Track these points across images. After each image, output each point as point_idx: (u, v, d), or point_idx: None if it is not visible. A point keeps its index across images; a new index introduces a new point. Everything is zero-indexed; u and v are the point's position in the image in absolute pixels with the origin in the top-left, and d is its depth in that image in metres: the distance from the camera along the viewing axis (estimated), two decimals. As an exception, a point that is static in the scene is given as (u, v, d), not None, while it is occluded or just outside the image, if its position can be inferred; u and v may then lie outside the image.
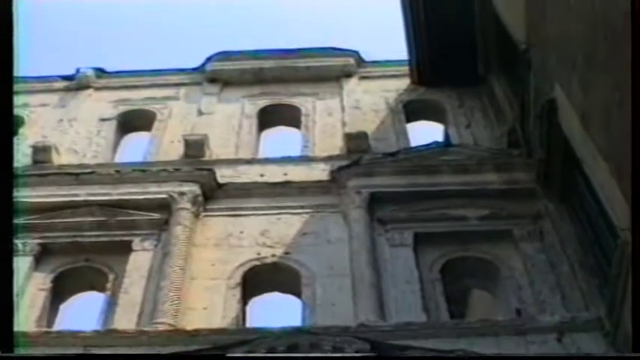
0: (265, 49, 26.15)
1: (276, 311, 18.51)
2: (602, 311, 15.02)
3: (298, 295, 17.15)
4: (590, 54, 14.07)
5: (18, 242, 18.13)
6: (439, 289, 16.92)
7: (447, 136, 22.84)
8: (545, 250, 17.38)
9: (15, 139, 21.95)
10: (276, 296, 17.97)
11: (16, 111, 22.83)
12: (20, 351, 15.53)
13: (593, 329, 15.06)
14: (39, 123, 23.43)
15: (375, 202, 18.70)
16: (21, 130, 23.17)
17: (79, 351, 15.47)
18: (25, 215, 18.78)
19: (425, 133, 23.19)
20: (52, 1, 35.15)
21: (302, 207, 18.91)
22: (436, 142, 21.20)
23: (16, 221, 18.04)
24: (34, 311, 17.09)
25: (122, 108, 23.94)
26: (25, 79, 25.02)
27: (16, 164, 20.53)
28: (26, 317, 16.89)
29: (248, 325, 16.94)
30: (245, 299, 17.33)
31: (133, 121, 23.70)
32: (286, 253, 17.76)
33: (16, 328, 15.69)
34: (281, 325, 15.60)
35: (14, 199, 10.40)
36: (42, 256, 18.16)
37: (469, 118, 22.83)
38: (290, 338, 14.92)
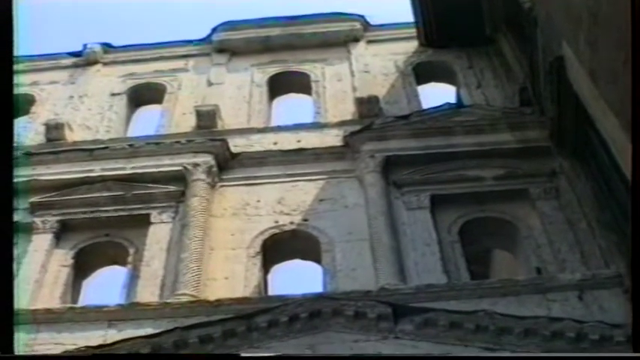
0: (271, 17, 25.99)
1: (297, 278, 18.54)
2: (622, 268, 15.02)
3: (318, 261, 17.16)
4: (594, 11, 13.90)
5: (37, 220, 18.27)
6: (458, 250, 16.93)
7: (458, 97, 22.70)
8: (562, 207, 17.35)
9: (27, 118, 22.07)
10: (296, 263, 18.01)
11: (26, 89, 22.96)
12: (32, 332, 15.72)
13: (613, 286, 15.08)
14: (50, 101, 23.36)
15: (389, 165, 18.67)
16: (32, 109, 23.12)
17: (104, 326, 15.59)
18: (37, 194, 18.88)
19: (436, 94, 23.06)
20: (55, -23, 34.81)
21: (317, 173, 18.87)
22: (448, 104, 21.07)
23: (32, 199, 18.26)
24: (57, 288, 17.16)
25: (132, 82, 23.84)
26: (33, 57, 25.03)
27: (29, 142, 20.75)
28: (50, 294, 16.97)
29: (270, 293, 17.00)
30: (266, 267, 17.38)
31: (143, 95, 23.62)
32: (304, 220, 17.76)
33: (40, 305, 15.95)
34: (303, 292, 15.63)
35: (14, 203, 10.42)
36: (62, 233, 18.21)
37: (479, 78, 22.68)
38: (312, 304, 14.98)
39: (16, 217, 18.18)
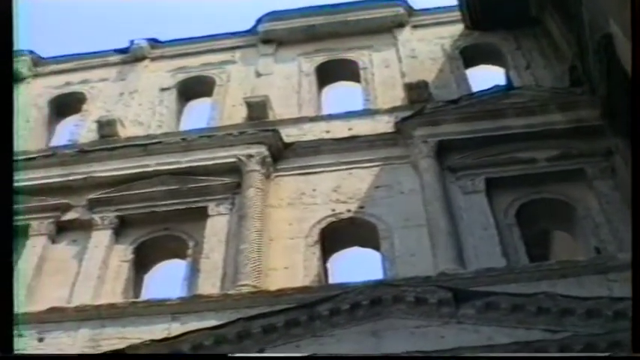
0: (314, 6, 25.95)
1: (357, 266, 18.51)
2: (684, 245, 14.81)
3: (377, 248, 17.15)
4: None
5: (96, 216, 18.45)
6: (516, 233, 16.83)
7: (507, 79, 22.53)
8: (618, 186, 17.16)
9: (78, 116, 22.25)
10: (355, 251, 18.01)
11: (76, 87, 23.20)
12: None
13: (675, 263, 14.86)
14: (100, 98, 23.55)
15: (442, 150, 18.60)
16: (84, 107, 23.32)
17: (167, 319, 15.72)
18: (94, 191, 19.03)
19: (484, 77, 22.89)
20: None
21: (371, 160, 18.83)
22: (497, 86, 20.90)
23: (90, 196, 18.41)
24: (119, 283, 17.32)
25: (180, 76, 23.93)
26: (81, 55, 25.26)
27: (82, 140, 20.92)
28: (112, 289, 17.11)
29: (330, 281, 16.97)
30: (325, 256, 17.39)
31: (192, 89, 23.70)
32: (361, 208, 17.74)
33: (103, 301, 16.09)
34: (363, 280, 15.61)
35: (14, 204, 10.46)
36: (121, 229, 18.38)
37: (528, 59, 22.47)
38: (373, 292, 14.97)
39: (75, 214, 18.45)
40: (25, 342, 16.06)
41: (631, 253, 9.99)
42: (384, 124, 19.97)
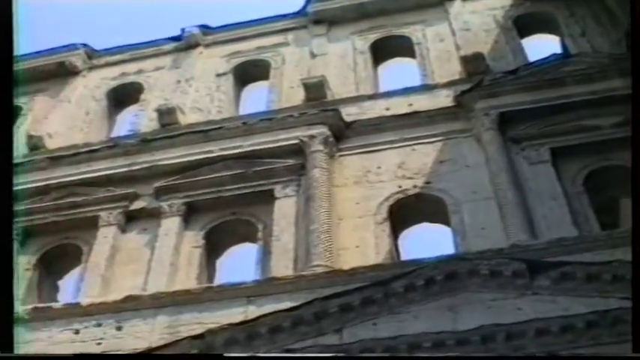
0: (362, -16, 25.58)
1: (427, 242, 18.36)
2: None
3: (446, 223, 16.99)
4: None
5: (163, 204, 18.51)
6: (585, 201, 16.58)
7: (564, 47, 22.13)
8: (687, 149, 16.78)
9: (137, 106, 22.28)
10: (424, 227, 17.86)
11: (133, 78, 23.23)
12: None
13: None
14: (157, 87, 23.57)
15: (505, 121, 18.34)
16: (142, 97, 23.36)
17: (243, 302, 15.71)
18: (159, 179, 19.08)
19: (540, 47, 22.55)
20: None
21: (433, 135, 18.65)
22: (554, 55, 20.54)
23: (157, 184, 18.44)
24: (193, 269, 17.36)
25: (235, 61, 23.87)
26: (134, 46, 25.29)
27: (143, 130, 20.96)
28: (186, 275, 17.14)
29: (402, 258, 16.84)
30: (395, 233, 17.29)
31: (248, 73, 23.63)
32: (427, 183, 17.58)
33: (178, 287, 16.11)
34: (435, 255, 15.47)
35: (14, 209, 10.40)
36: (189, 215, 18.42)
37: (582, 26, 22.07)
38: (447, 266, 14.84)
39: (142, 203, 18.49)
40: (103, 331, 16.21)
41: (631, 253, 10.06)
42: (443, 99, 19.75)
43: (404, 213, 17.33)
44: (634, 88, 9.99)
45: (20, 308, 17.42)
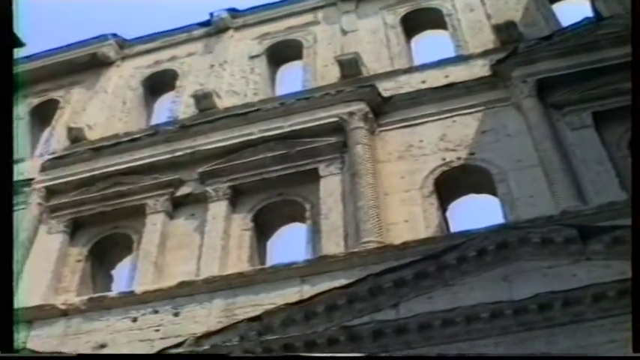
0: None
1: (476, 213, 18.16)
2: None
3: (493, 193, 16.76)
4: None
5: (209, 189, 18.41)
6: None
7: (595, 10, 21.75)
8: None
9: (174, 93, 22.12)
10: (472, 198, 17.63)
11: (167, 65, 23.07)
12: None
13: None
14: (192, 72, 23.39)
15: (543, 88, 18.02)
16: (177, 83, 23.19)
17: (297, 282, 15.60)
18: (202, 164, 18.97)
19: (571, 11, 22.15)
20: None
21: (473, 106, 18.37)
22: (587, 18, 20.14)
23: (200, 170, 18.31)
24: (244, 251, 17.27)
25: (267, 42, 23.62)
26: (165, 33, 25.13)
27: (182, 116, 20.82)
28: (238, 258, 17.04)
29: (452, 230, 16.62)
30: (443, 206, 17.09)
31: (281, 53, 23.38)
32: (471, 154, 17.34)
33: (231, 270, 15.98)
34: (485, 226, 15.26)
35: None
36: (236, 198, 18.32)
37: (612, -12, 21.67)
38: (498, 236, 14.63)
39: (188, 189, 18.37)
40: (160, 317, 16.14)
41: (631, 253, 9.99)
42: (479, 68, 19.47)
43: (450, 185, 17.12)
44: (634, 87, 9.76)
45: (76, 299, 17.42)
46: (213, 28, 24.99)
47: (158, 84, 24.00)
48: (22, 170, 21.94)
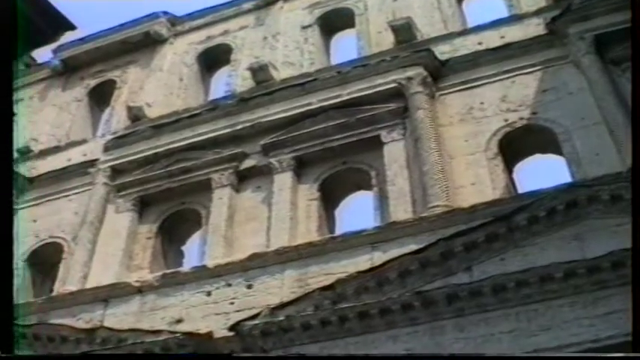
0: None
1: (542, 173, 17.82)
2: None
3: (559, 152, 16.37)
4: None
5: (273, 160, 18.23)
6: (698, 116, 15.81)
7: (648, -39, 21.10)
8: None
9: (229, 67, 21.90)
10: (537, 158, 17.26)
11: (220, 40, 22.83)
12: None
13: None
14: (245, 46, 23.12)
15: (601, 44, 17.48)
16: (232, 57, 22.96)
17: (368, 249, 15.43)
18: (263, 136, 18.78)
19: (621, -36, 21.47)
20: None
21: (531, 65, 17.90)
22: (641, -30, 19.55)
23: (263, 142, 18.14)
24: (312, 221, 17.13)
25: (318, 12, 23.21)
26: (214, 8, 24.90)
27: (239, 90, 20.60)
28: (307, 228, 16.88)
29: (520, 191, 16.29)
30: (508, 167, 16.75)
31: (333, 22, 22.99)
32: (533, 114, 16.94)
33: (300, 241, 15.83)
34: (553, 185, 14.91)
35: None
36: (300, 169, 18.16)
37: (663, -62, 20.96)
38: (566, 195, 14.29)
39: (252, 161, 18.21)
40: (234, 290, 16.07)
41: (631, 253, 9.98)
42: (534, 27, 18.96)
43: (514, 146, 16.78)
44: (634, 89, 9.41)
45: (149, 276, 17.40)
46: (262, 1, 24.63)
47: (213, 59, 23.82)
48: (85, 151, 21.99)
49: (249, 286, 16.01)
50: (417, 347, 13.52)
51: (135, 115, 21.83)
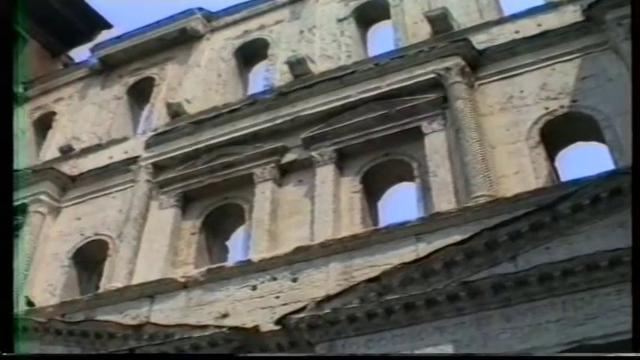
0: None
1: (584, 161, 17.61)
2: None
3: (601, 139, 16.19)
4: None
5: (314, 153, 18.23)
6: None
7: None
8: None
9: (267, 62, 21.88)
10: (579, 146, 17.09)
11: (256, 34, 22.80)
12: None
13: None
14: (282, 40, 23.07)
15: (640, 29, 17.29)
16: (269, 51, 22.94)
17: (412, 241, 15.41)
18: (305, 129, 18.85)
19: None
20: None
21: (569, 53, 17.68)
22: (677, -49, 19.26)
23: (303, 135, 18.12)
24: (355, 213, 17.13)
25: (353, 4, 23.04)
26: (250, 3, 24.93)
27: (278, 84, 20.58)
28: (350, 220, 16.87)
29: (562, 179, 16.15)
30: (550, 155, 16.59)
31: (368, 14, 22.85)
32: (574, 102, 16.75)
33: (344, 233, 15.79)
34: (596, 173, 14.75)
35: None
36: (342, 161, 18.15)
37: None
38: (610, 183, 14.11)
39: (293, 155, 18.19)
40: (279, 284, 16.09)
41: (631, 253, 9.87)
42: (571, 14, 18.72)
43: (556, 134, 16.61)
44: (634, 87, 9.27)
45: (194, 272, 17.47)
46: (294, -6, 24.59)
47: (250, 54, 23.82)
48: (127, 149, 22.11)
49: (295, 280, 16.05)
50: (464, 338, 13.48)
51: (174, 112, 21.92)
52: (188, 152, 20.21)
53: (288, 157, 18.76)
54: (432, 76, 18.22)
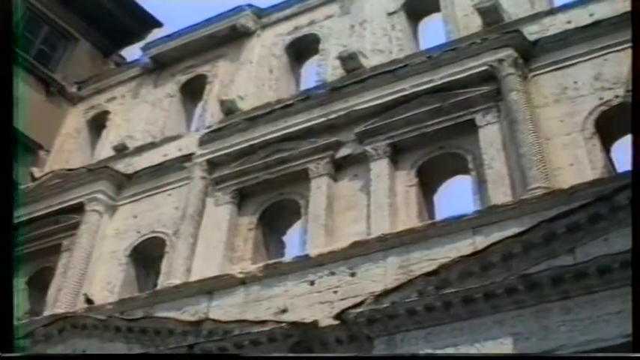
0: None
1: (642, 150, 17.34)
2: None
3: (655, 128, 15.98)
4: None
5: (368, 148, 18.27)
6: None
7: None
8: None
9: (318, 57, 21.92)
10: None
11: (307, 30, 22.85)
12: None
13: None
14: (333, 35, 23.04)
15: (695, 15, 17.04)
16: (320, 46, 22.98)
17: (469, 234, 15.38)
18: (358, 124, 18.85)
19: None
20: None
21: (622, 42, 17.24)
22: None
23: (357, 130, 18.13)
24: (411, 207, 17.11)
25: (402, -2, 23.00)
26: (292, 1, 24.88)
27: (330, 79, 20.60)
28: (407, 214, 16.87)
29: (619, 170, 15.95)
30: (606, 146, 16.41)
31: (418, 7, 22.69)
32: (628, 92, 16.49)
33: (401, 227, 15.77)
34: (653, 164, 14.55)
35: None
36: (396, 155, 18.10)
37: None
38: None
39: (347, 150, 18.21)
40: (337, 279, 16.15)
41: (631, 253, 9.85)
42: (622, 3, 18.30)
43: (611, 125, 16.40)
44: (634, 87, 9.11)
45: (252, 267, 17.57)
46: (345, -11, 24.53)
47: (301, 49, 23.86)
48: (181, 146, 22.30)
49: (353, 274, 16.08)
50: (524, 331, 13.39)
51: (228, 109, 22.05)
52: (243, 148, 20.31)
53: (343, 152, 18.78)
54: (485, 68, 18.09)
